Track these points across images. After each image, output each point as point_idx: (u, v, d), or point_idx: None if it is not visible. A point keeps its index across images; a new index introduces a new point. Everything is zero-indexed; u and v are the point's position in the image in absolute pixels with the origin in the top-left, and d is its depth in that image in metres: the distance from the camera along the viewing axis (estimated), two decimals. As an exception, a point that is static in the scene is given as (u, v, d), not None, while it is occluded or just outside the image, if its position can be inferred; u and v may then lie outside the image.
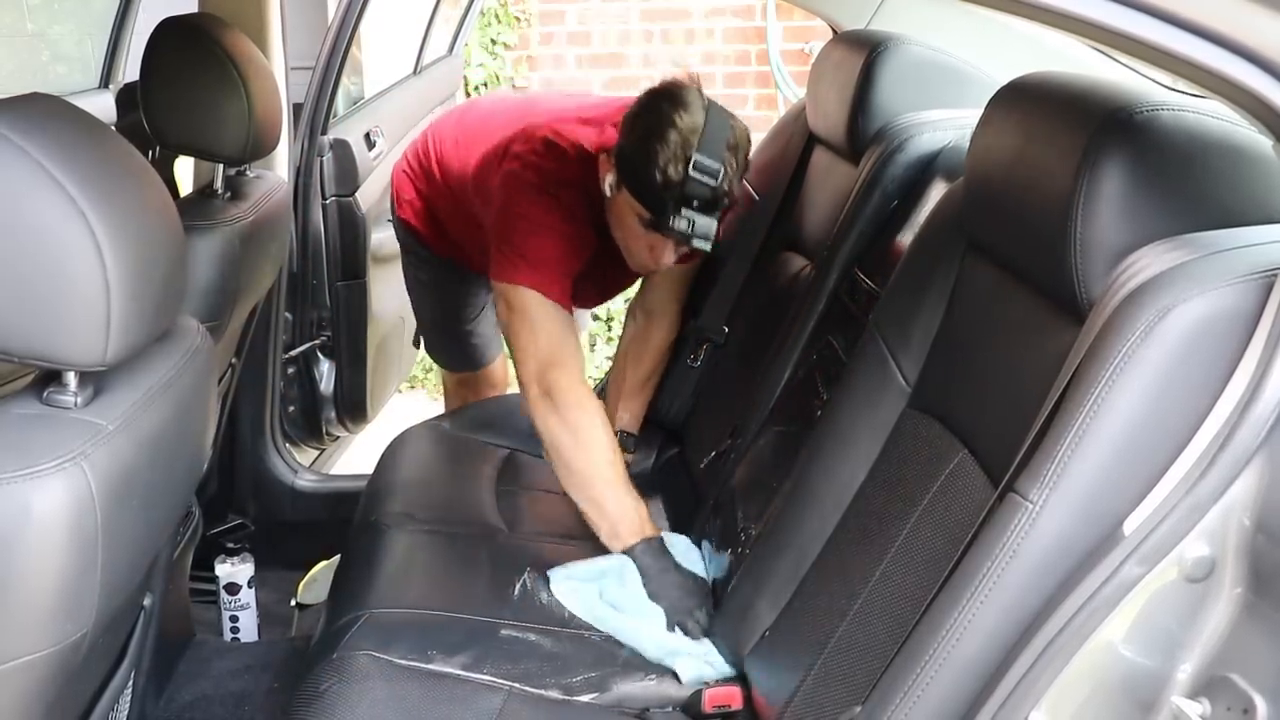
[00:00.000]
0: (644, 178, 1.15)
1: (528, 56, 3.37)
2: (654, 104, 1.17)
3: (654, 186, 1.14)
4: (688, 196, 1.12)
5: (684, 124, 1.12)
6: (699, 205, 1.13)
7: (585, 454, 1.19)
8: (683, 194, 1.12)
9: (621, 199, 1.20)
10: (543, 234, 1.25)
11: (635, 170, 1.16)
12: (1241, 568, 0.64)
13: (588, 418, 1.20)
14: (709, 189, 1.12)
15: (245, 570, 1.52)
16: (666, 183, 1.13)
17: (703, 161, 1.11)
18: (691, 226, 1.13)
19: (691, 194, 1.12)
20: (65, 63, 3.03)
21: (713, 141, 1.12)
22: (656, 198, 1.15)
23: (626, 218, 1.22)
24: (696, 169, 1.11)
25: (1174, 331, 0.64)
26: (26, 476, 0.65)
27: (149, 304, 0.71)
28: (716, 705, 0.99)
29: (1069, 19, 0.63)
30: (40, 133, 0.67)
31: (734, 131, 1.15)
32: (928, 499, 0.86)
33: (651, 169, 1.13)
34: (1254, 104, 0.62)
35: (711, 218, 1.14)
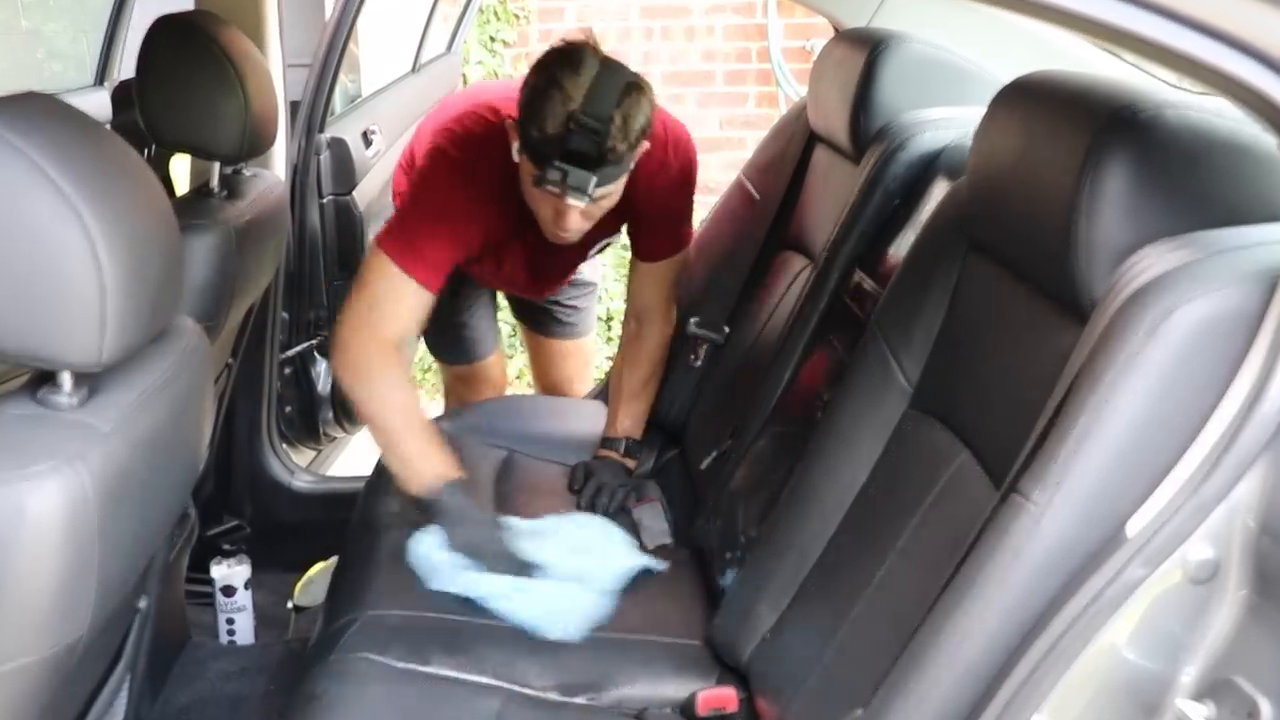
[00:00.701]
0: (527, 135, 1.15)
1: (526, 54, 3.36)
2: (544, 64, 1.17)
3: (534, 142, 1.14)
4: (566, 152, 1.12)
5: (569, 82, 1.12)
6: (577, 159, 1.13)
7: (380, 407, 1.23)
8: (562, 149, 1.12)
9: (522, 162, 1.20)
10: (435, 212, 1.25)
11: (523, 129, 1.17)
12: (1246, 570, 0.64)
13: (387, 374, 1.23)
14: (589, 143, 1.12)
15: (242, 572, 1.51)
16: (544, 137, 1.13)
17: (581, 117, 1.11)
18: (564, 177, 1.13)
19: (570, 148, 1.12)
20: (60, 60, 3.02)
21: (598, 99, 1.11)
22: (538, 153, 1.15)
23: (526, 180, 1.21)
24: (575, 124, 1.11)
25: (1178, 331, 0.64)
26: (21, 478, 0.65)
27: (145, 304, 0.71)
28: (711, 708, 0.99)
29: (1072, 17, 0.63)
30: (35, 132, 0.66)
31: (629, 90, 1.14)
32: (929, 500, 0.86)
33: (532, 126, 1.14)
34: (1259, 102, 0.61)
35: (589, 171, 1.13)
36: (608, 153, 1.13)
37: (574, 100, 1.12)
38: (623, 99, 1.13)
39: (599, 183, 1.15)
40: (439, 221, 1.25)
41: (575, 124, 1.11)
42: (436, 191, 1.26)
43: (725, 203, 1.65)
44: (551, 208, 1.22)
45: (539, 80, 1.15)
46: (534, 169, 1.17)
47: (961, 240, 0.92)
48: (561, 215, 1.22)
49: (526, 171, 1.20)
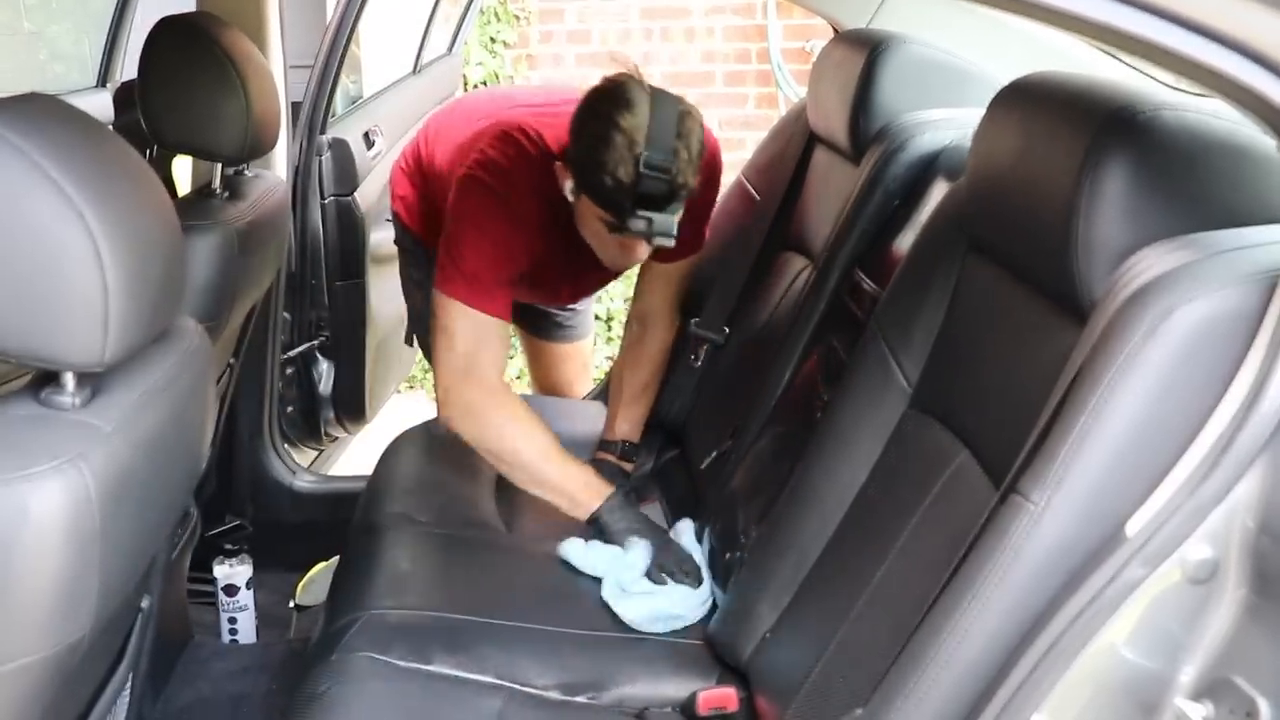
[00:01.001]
0: (596, 183, 1.14)
1: (527, 55, 3.37)
2: (596, 107, 1.16)
3: (607, 191, 1.14)
4: (642, 196, 1.12)
5: (627, 123, 1.11)
6: (655, 202, 1.12)
7: (515, 447, 1.24)
8: (637, 195, 1.12)
9: (583, 203, 1.20)
10: (482, 242, 1.25)
11: (587, 177, 1.16)
12: (1245, 569, 0.64)
13: (504, 413, 1.24)
14: (663, 184, 1.11)
15: (243, 571, 1.51)
16: (618, 186, 1.12)
17: (652, 159, 1.10)
18: (650, 225, 1.13)
19: (646, 192, 1.11)
20: (63, 61, 3.03)
21: (660, 136, 1.11)
22: (612, 201, 1.14)
23: (590, 222, 1.22)
24: (647, 167, 1.10)
25: (1177, 332, 0.64)
26: (24, 478, 0.65)
27: (147, 304, 0.71)
28: (711, 708, 0.99)
29: (1071, 18, 0.63)
30: (38, 133, 0.66)
31: (682, 119, 1.13)
32: (929, 500, 0.86)
33: (601, 175, 1.13)
34: (1257, 103, 0.61)
35: (669, 213, 1.13)
36: (680, 189, 1.13)
37: (638, 143, 1.11)
38: (680, 129, 1.12)
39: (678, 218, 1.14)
40: (494, 253, 1.24)
41: (646, 167, 1.10)
42: (483, 224, 1.25)
43: (725, 203, 1.66)
44: (619, 245, 1.22)
45: (596, 126, 1.14)
46: (606, 215, 1.16)
47: (961, 241, 0.93)
48: (630, 251, 1.23)
49: (593, 215, 1.19)
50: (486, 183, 1.27)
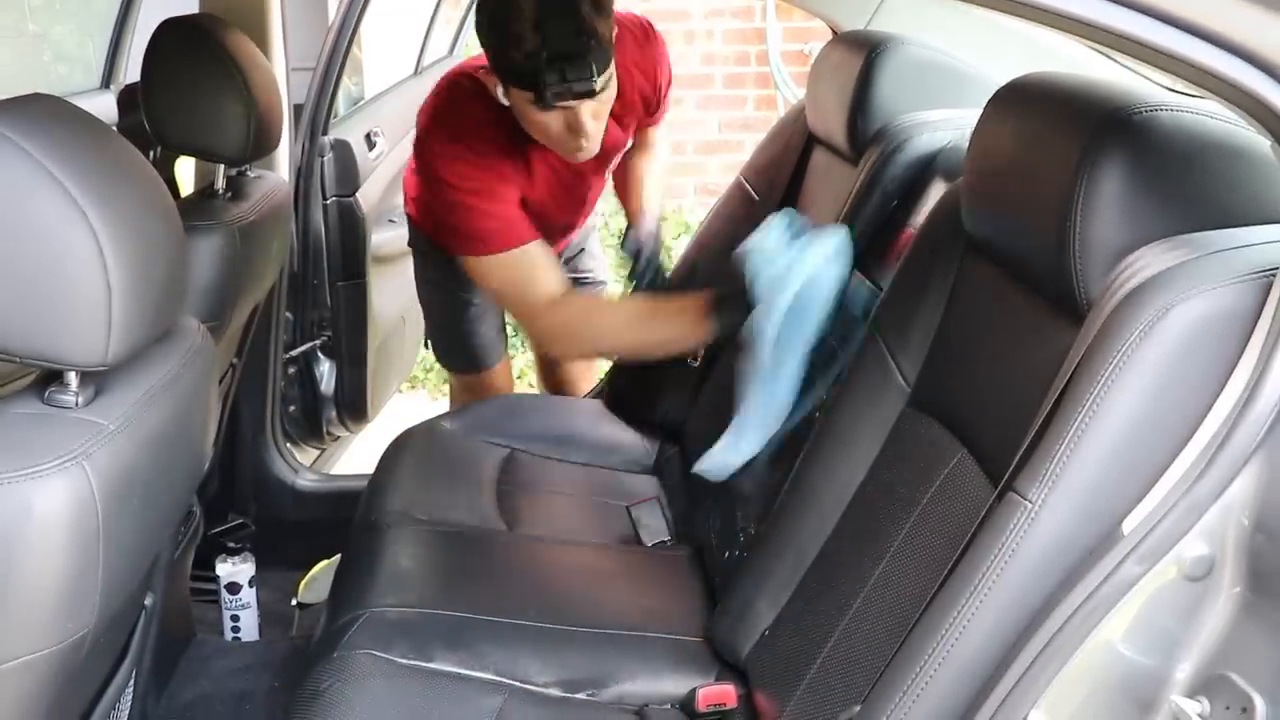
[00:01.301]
0: (510, 65, 1.13)
1: (528, 57, 3.37)
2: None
3: (519, 64, 1.12)
4: (553, 56, 1.10)
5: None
6: (565, 57, 1.10)
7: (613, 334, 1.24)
8: (546, 55, 1.10)
9: (514, 99, 1.18)
10: (468, 195, 1.24)
11: (501, 61, 1.14)
12: (1240, 567, 0.64)
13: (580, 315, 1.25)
14: (570, 36, 1.09)
15: (246, 570, 1.52)
16: (525, 54, 1.10)
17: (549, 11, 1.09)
18: (563, 77, 1.11)
19: (554, 51, 1.10)
20: (67, 63, 3.03)
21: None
22: (526, 73, 1.12)
23: (526, 112, 1.19)
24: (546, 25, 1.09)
25: (1173, 331, 0.65)
26: (28, 476, 0.65)
27: (150, 304, 0.71)
28: (710, 704, 0.99)
29: (1068, 19, 0.63)
30: (42, 133, 0.67)
31: None
32: (927, 498, 0.86)
33: (510, 51, 1.11)
34: (1252, 104, 0.62)
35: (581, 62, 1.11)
36: (590, 38, 1.10)
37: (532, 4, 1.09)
38: None
39: (598, 70, 1.12)
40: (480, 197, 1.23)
41: (547, 26, 1.08)
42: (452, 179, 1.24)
43: (725, 204, 1.66)
44: (562, 124, 1.18)
45: (492, 4, 1.13)
46: (530, 93, 1.14)
47: (959, 241, 0.93)
48: (575, 127, 1.18)
49: (524, 102, 1.16)
50: (439, 135, 1.27)
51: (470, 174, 1.24)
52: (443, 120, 1.28)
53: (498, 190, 1.26)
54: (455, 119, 1.27)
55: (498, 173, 1.26)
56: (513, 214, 1.26)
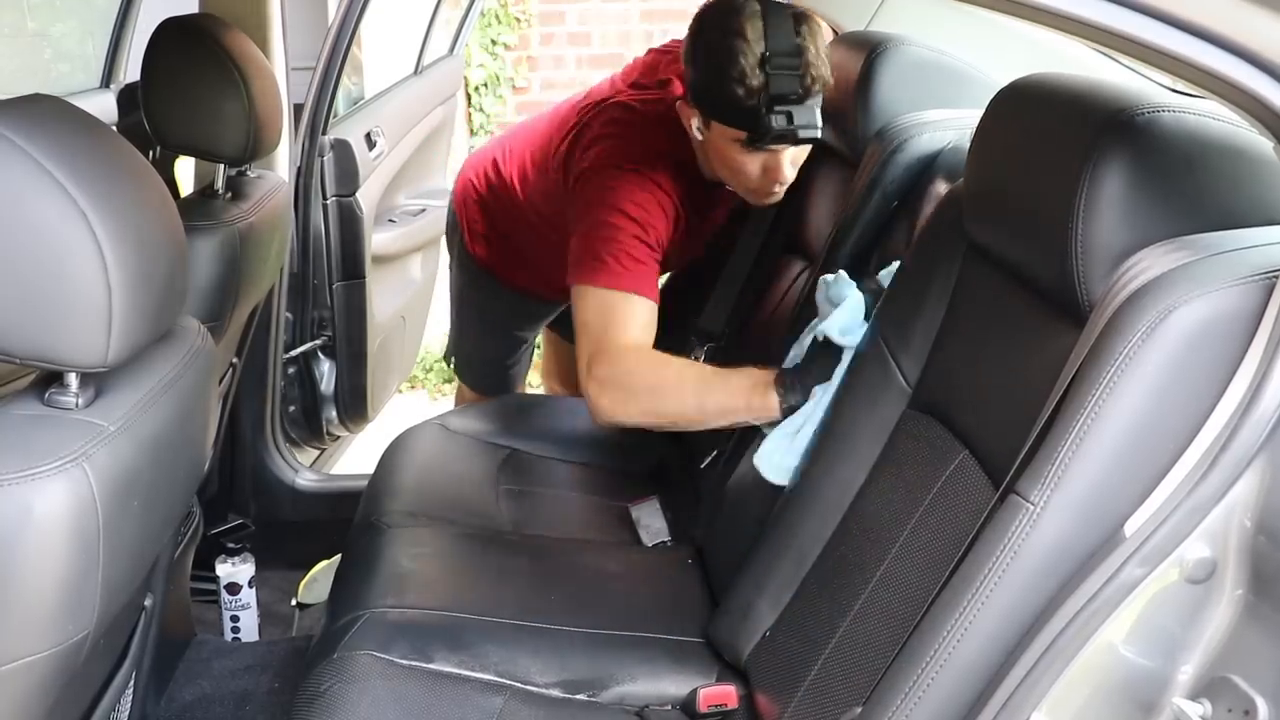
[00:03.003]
0: (727, 98, 1.11)
1: (528, 57, 3.37)
2: (708, 26, 1.13)
3: (740, 101, 1.10)
4: (776, 95, 1.09)
5: (744, 28, 1.09)
6: (791, 97, 1.10)
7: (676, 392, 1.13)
8: (770, 94, 1.09)
9: (714, 135, 1.16)
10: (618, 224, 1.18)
11: (716, 96, 1.12)
12: (1242, 569, 0.64)
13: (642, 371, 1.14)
14: (794, 75, 1.09)
15: (246, 570, 1.52)
16: (749, 91, 1.09)
17: (778, 52, 1.08)
18: (790, 119, 1.10)
19: (779, 90, 1.09)
20: (67, 62, 3.03)
21: (779, 30, 1.08)
22: (747, 111, 1.11)
23: (727, 151, 1.17)
24: (773, 64, 1.08)
25: (1175, 333, 0.65)
26: (28, 477, 0.65)
27: (150, 305, 0.71)
28: (711, 705, 0.99)
29: (1069, 20, 0.63)
30: (41, 133, 0.67)
31: (799, 19, 1.11)
32: (928, 500, 0.86)
33: (731, 86, 1.10)
34: (1254, 105, 0.62)
35: (808, 105, 1.11)
36: (813, 81, 1.10)
37: (758, 45, 1.08)
38: (799, 27, 1.10)
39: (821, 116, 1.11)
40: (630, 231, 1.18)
41: (773, 66, 1.07)
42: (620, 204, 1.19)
43: (726, 204, 1.66)
44: (760, 166, 1.17)
45: (715, 41, 1.11)
46: (743, 130, 1.12)
47: (960, 242, 0.93)
48: (773, 171, 1.17)
49: (726, 140, 1.15)
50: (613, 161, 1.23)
51: (644, 201, 1.19)
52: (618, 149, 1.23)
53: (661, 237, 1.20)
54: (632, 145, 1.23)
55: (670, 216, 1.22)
56: (654, 267, 1.20)
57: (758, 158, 1.17)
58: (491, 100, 3.31)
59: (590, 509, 1.39)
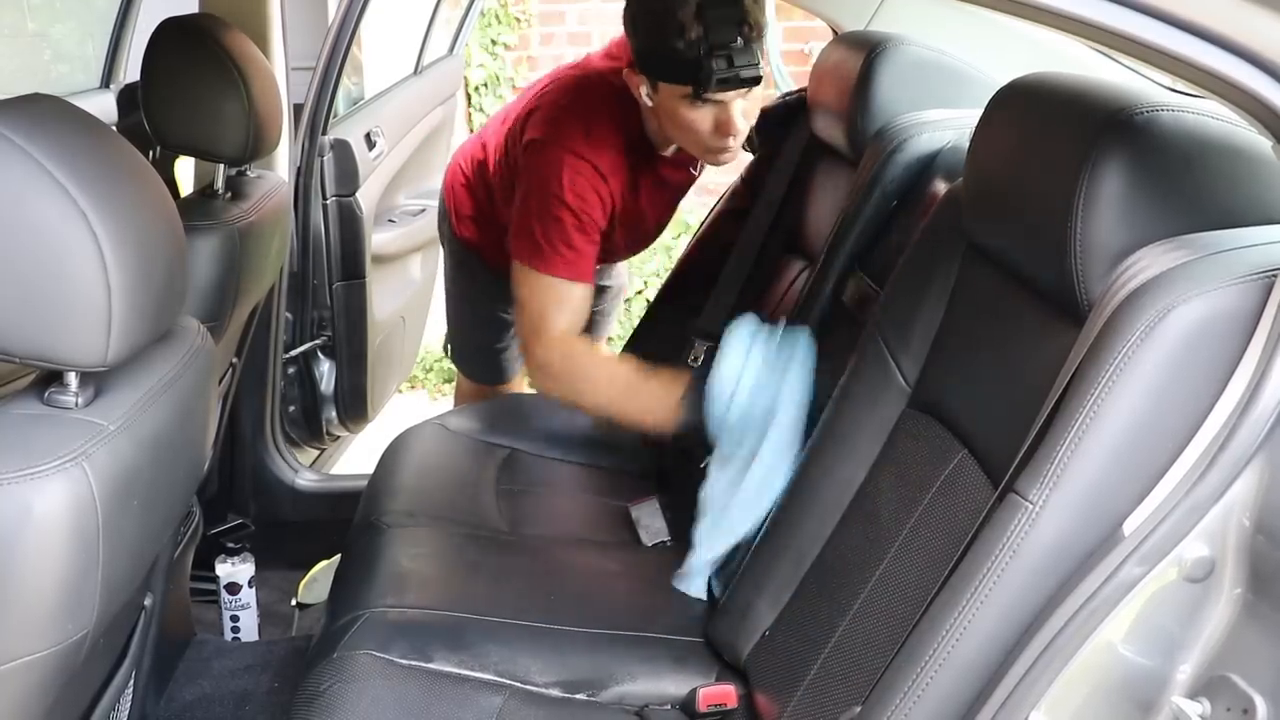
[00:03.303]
0: (669, 53, 1.14)
1: (528, 57, 3.37)
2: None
3: (680, 54, 1.13)
4: (715, 42, 1.12)
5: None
6: (730, 42, 1.12)
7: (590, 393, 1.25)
8: (710, 42, 1.11)
9: (663, 96, 1.18)
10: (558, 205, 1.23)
11: (658, 54, 1.15)
12: (1241, 568, 0.64)
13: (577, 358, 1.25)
14: (732, 22, 1.11)
15: (246, 570, 1.52)
16: (689, 43, 1.12)
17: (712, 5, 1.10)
18: (731, 61, 1.12)
19: (718, 37, 1.11)
20: (67, 62, 3.03)
21: None
22: (689, 63, 1.13)
23: (677, 110, 1.19)
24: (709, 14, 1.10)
25: (1174, 332, 0.65)
26: (27, 477, 0.65)
27: (150, 304, 0.71)
28: (711, 704, 1.00)
29: (1069, 20, 0.63)
30: (41, 133, 0.67)
31: None
32: (928, 499, 0.86)
33: (670, 40, 1.12)
34: (1253, 105, 0.62)
35: (747, 50, 1.12)
36: (751, 29, 1.12)
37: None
38: None
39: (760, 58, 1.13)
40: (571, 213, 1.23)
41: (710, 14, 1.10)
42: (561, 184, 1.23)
43: (725, 204, 1.66)
44: (711, 122, 1.19)
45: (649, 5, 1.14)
46: (689, 86, 1.15)
47: (959, 241, 0.93)
48: (724, 125, 1.19)
49: (675, 99, 1.17)
50: (557, 140, 1.25)
51: (585, 190, 1.24)
52: (567, 122, 1.26)
53: (598, 224, 1.26)
54: (582, 118, 1.26)
55: (607, 204, 1.26)
56: (591, 251, 1.27)
57: (707, 112, 1.18)
58: (491, 100, 3.31)
59: (590, 509, 1.39)
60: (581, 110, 1.27)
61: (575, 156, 1.25)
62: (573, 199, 1.24)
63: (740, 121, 1.21)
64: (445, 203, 1.66)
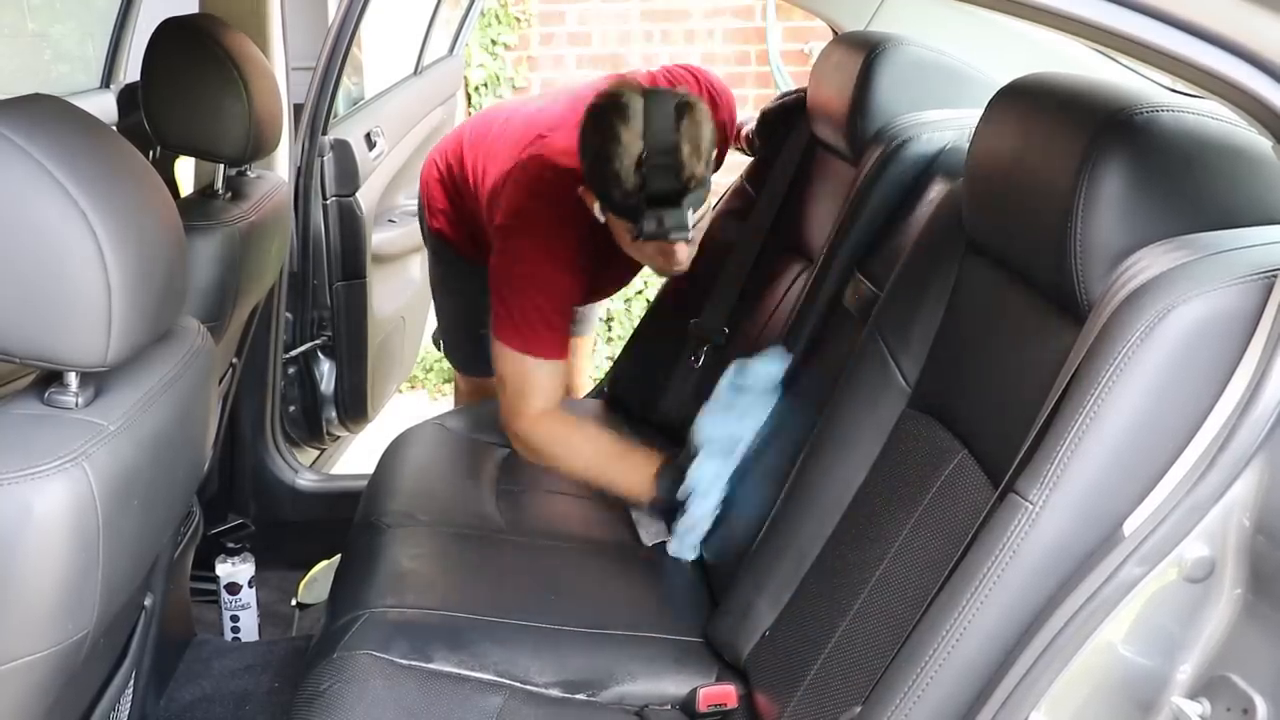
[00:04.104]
0: (609, 196, 1.18)
1: (528, 57, 3.37)
2: (595, 123, 1.17)
3: (619, 201, 1.17)
4: (654, 196, 1.14)
5: (624, 131, 1.13)
6: (666, 200, 1.14)
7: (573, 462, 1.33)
8: (646, 196, 1.14)
9: (610, 219, 1.23)
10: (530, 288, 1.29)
11: (601, 192, 1.19)
12: (1241, 568, 0.64)
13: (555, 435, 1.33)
14: (669, 179, 1.13)
15: (246, 570, 1.52)
16: (626, 193, 1.15)
17: (655, 150, 1.12)
18: (660, 223, 1.15)
19: (654, 190, 1.13)
20: (67, 62, 3.03)
21: (658, 134, 1.12)
22: (626, 209, 1.17)
23: (622, 236, 1.24)
24: (650, 162, 1.12)
25: (1174, 332, 0.65)
26: (28, 477, 0.65)
27: (150, 304, 0.71)
28: (711, 704, 1.00)
29: (1069, 20, 0.63)
30: (42, 134, 0.67)
31: (680, 112, 1.14)
32: (928, 499, 0.86)
33: (611, 188, 1.16)
34: (1253, 105, 0.62)
35: (679, 207, 1.15)
36: (689, 182, 1.14)
37: (634, 146, 1.12)
38: (679, 123, 1.13)
39: (694, 212, 1.16)
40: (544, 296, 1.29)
41: (648, 169, 1.12)
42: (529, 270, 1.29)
43: (725, 204, 1.66)
44: (657, 251, 1.25)
45: (594, 141, 1.16)
46: (628, 226, 1.19)
47: (959, 241, 0.93)
48: (669, 255, 1.24)
49: (620, 229, 1.22)
50: (525, 229, 1.31)
51: (554, 278, 1.29)
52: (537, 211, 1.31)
53: (566, 301, 1.32)
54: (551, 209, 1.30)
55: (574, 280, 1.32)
56: (563, 327, 1.32)
57: (653, 247, 1.23)
58: (491, 100, 3.31)
59: (590, 509, 1.39)
60: (546, 201, 1.31)
61: (544, 243, 1.29)
62: (544, 283, 1.29)
63: (684, 254, 1.24)
64: (421, 197, 1.67)
